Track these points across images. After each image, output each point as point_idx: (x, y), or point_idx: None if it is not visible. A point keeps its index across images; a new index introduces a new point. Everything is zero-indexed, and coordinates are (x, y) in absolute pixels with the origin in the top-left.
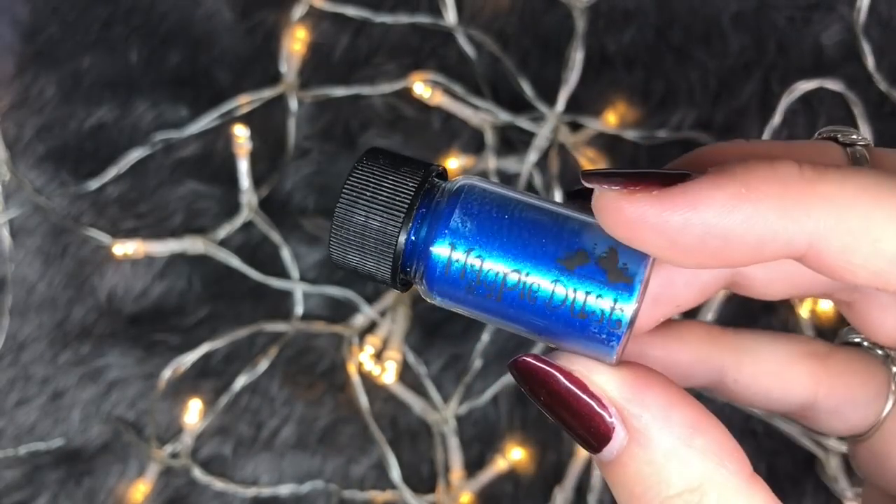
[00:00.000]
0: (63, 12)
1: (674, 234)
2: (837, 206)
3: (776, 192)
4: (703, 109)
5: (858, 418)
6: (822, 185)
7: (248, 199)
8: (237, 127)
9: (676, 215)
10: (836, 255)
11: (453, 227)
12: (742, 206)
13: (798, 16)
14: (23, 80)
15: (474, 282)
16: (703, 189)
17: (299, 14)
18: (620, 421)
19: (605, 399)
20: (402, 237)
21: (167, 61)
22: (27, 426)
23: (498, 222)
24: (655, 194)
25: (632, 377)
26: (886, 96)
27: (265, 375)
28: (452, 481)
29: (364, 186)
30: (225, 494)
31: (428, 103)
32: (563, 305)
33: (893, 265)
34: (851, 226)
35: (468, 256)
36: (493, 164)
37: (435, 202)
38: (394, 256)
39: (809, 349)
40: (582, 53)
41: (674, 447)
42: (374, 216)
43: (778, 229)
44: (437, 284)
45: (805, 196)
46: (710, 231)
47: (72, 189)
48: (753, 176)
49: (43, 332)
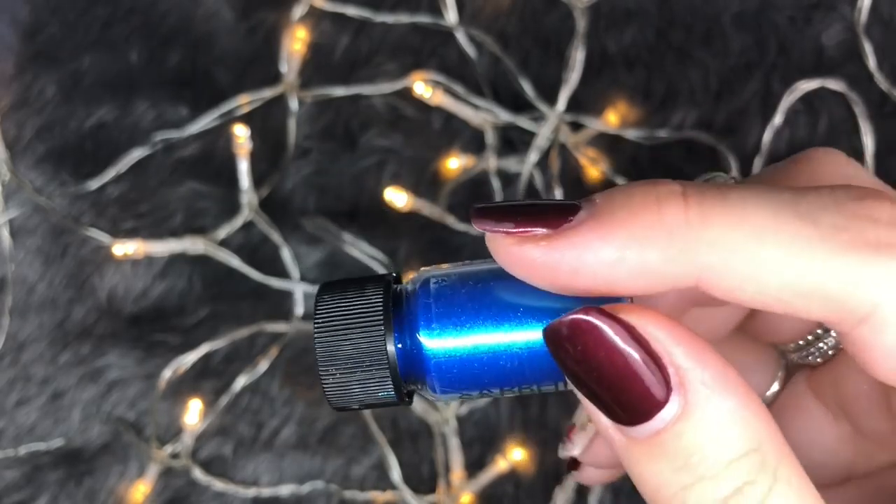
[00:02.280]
0: (63, 12)
1: (565, 278)
2: (724, 251)
3: (664, 240)
4: (705, 109)
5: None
6: (708, 229)
7: (249, 199)
8: (237, 127)
9: (564, 263)
10: (725, 293)
11: (431, 317)
12: (628, 254)
13: (799, 16)
14: (23, 80)
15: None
16: (589, 236)
17: (299, 14)
18: (678, 385)
19: (666, 358)
20: (390, 347)
21: (167, 61)
22: (27, 426)
23: (471, 301)
24: (542, 243)
25: (690, 336)
26: (887, 96)
27: (265, 376)
28: (453, 482)
29: (332, 320)
30: (225, 495)
31: (428, 103)
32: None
33: (778, 301)
34: (738, 269)
35: (455, 342)
36: (494, 164)
37: (405, 304)
38: (389, 370)
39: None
40: (583, 53)
41: (736, 408)
42: (355, 342)
43: (664, 273)
44: (437, 377)
45: (690, 242)
46: (597, 280)
47: (72, 189)
48: (639, 225)
49: (43, 333)
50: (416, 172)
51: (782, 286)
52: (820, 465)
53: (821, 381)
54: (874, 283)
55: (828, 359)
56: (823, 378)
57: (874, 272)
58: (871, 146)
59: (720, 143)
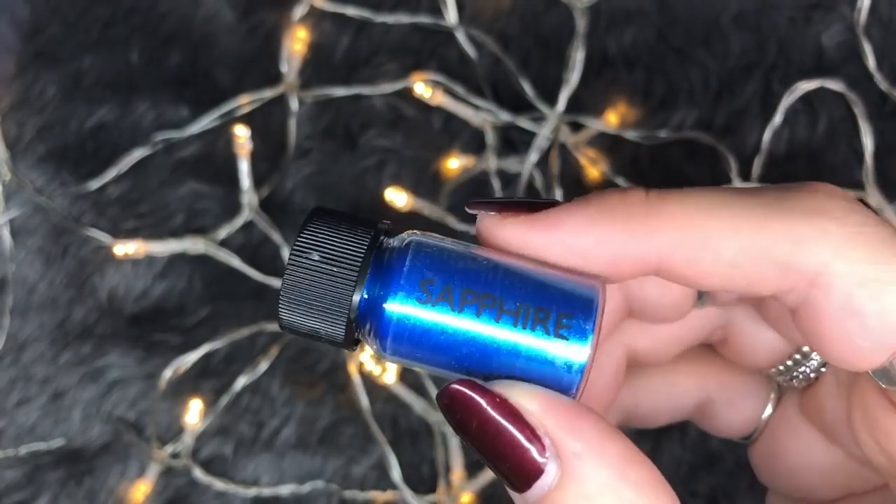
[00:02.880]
0: (63, 12)
1: (540, 251)
2: (678, 224)
3: (623, 217)
4: (704, 109)
5: (749, 410)
6: (664, 207)
7: (249, 199)
8: (238, 127)
9: (539, 236)
10: (685, 266)
11: (407, 280)
12: (594, 229)
13: (799, 16)
14: (23, 80)
15: (427, 335)
16: (562, 214)
17: (300, 14)
18: (554, 455)
19: (539, 429)
20: (356, 296)
21: (168, 61)
22: (28, 426)
23: (448, 274)
24: (523, 219)
25: (566, 408)
26: (887, 96)
27: (266, 375)
28: (453, 481)
29: (314, 247)
30: (225, 494)
31: (429, 103)
32: (519, 351)
33: (734, 268)
34: (692, 240)
35: (421, 310)
36: (494, 164)
37: (386, 259)
38: (347, 317)
39: (692, 353)
40: (583, 53)
41: (609, 480)
42: (326, 277)
43: (627, 247)
44: (391, 340)
45: (649, 218)
46: (569, 250)
47: (72, 189)
48: (606, 203)
49: (43, 332)
50: (417, 173)
51: (735, 253)
52: (815, 485)
53: (809, 406)
54: (818, 241)
55: (811, 382)
56: (810, 404)
57: (817, 231)
58: (871, 146)
59: (720, 144)
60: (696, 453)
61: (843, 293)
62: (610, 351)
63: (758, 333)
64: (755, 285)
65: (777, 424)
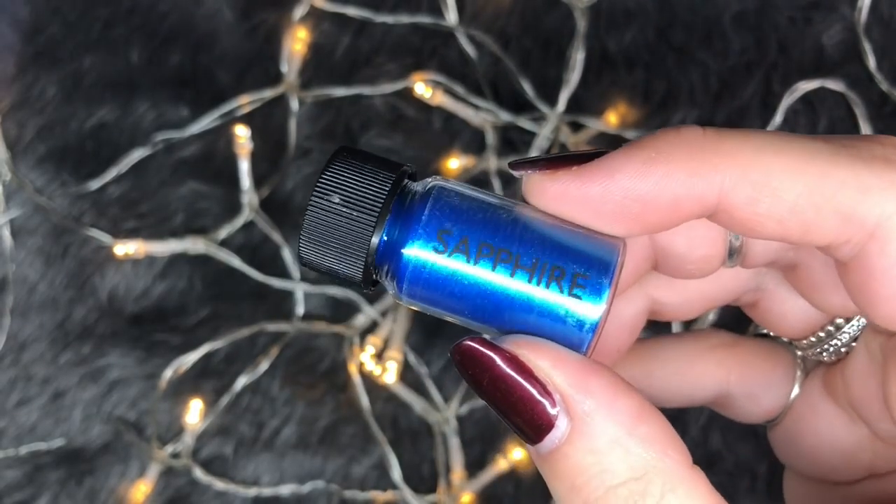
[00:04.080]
0: (64, 12)
1: (596, 203)
2: (739, 162)
3: (683, 154)
4: (705, 109)
5: (771, 401)
6: (724, 144)
7: (249, 199)
8: (238, 127)
9: (595, 186)
10: (743, 207)
11: (425, 228)
12: (654, 169)
13: (799, 16)
14: (24, 80)
15: (444, 282)
16: (617, 160)
17: (300, 14)
18: (564, 409)
19: (549, 385)
20: (374, 238)
21: (168, 61)
22: (28, 426)
23: (470, 222)
24: (575, 170)
25: (577, 364)
26: (888, 96)
27: (266, 375)
28: (453, 481)
29: (336, 187)
30: (226, 494)
31: (429, 103)
32: (535, 303)
33: (793, 213)
34: (754, 178)
35: (439, 256)
36: (495, 164)
37: (407, 203)
38: (366, 257)
39: (716, 341)
40: (583, 53)
41: (618, 435)
42: (347, 218)
43: (688, 186)
44: (407, 284)
45: (709, 155)
46: (628, 196)
47: (73, 189)
48: (662, 142)
49: (44, 333)
50: (417, 173)
51: (798, 195)
52: (838, 465)
53: (835, 384)
54: (885, 192)
55: (840, 357)
56: (836, 381)
57: (883, 182)
58: None
59: None
60: (696, 453)
61: None
62: (632, 298)
63: (790, 300)
64: (812, 233)
65: (800, 405)
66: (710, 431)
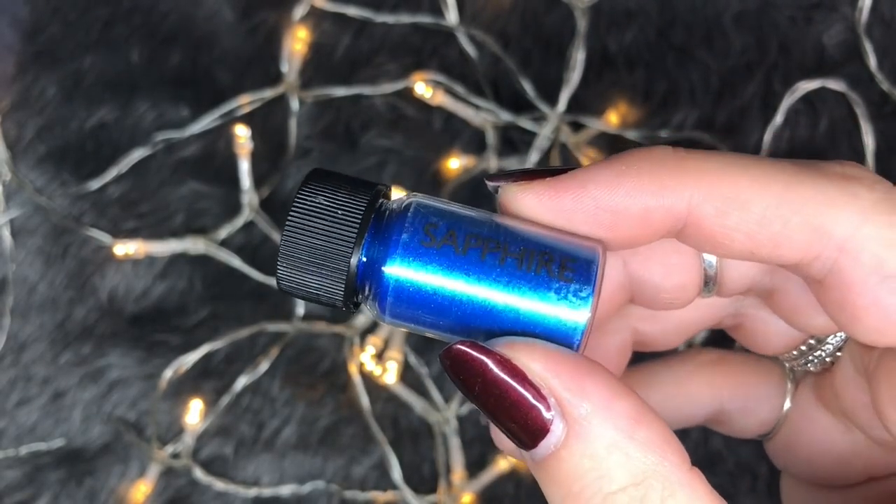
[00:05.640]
0: (64, 12)
1: (569, 213)
2: (707, 176)
3: (654, 168)
4: (705, 109)
5: (765, 413)
6: (692, 160)
7: (250, 199)
8: (238, 127)
9: (568, 196)
10: (712, 220)
11: (404, 245)
12: (624, 181)
13: (800, 15)
14: (23, 80)
15: (426, 298)
16: (589, 172)
17: (300, 14)
18: (560, 413)
19: (544, 389)
20: (353, 259)
21: (168, 61)
22: (28, 426)
23: (455, 216)
24: (549, 181)
25: (572, 366)
26: (888, 96)
27: (266, 376)
28: (454, 482)
29: (313, 210)
30: (226, 495)
31: (429, 103)
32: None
33: (761, 226)
34: (722, 192)
35: (418, 273)
36: (495, 164)
37: (385, 221)
38: (347, 278)
39: (704, 359)
40: (583, 53)
41: (616, 439)
42: (324, 240)
43: (658, 198)
44: (390, 302)
45: (678, 170)
46: (599, 206)
47: (73, 189)
48: (633, 157)
49: (44, 333)
50: (417, 172)
51: (765, 208)
52: (835, 471)
53: (825, 393)
54: (848, 204)
55: (826, 366)
56: (827, 390)
57: (847, 195)
58: (872, 146)
59: (721, 144)
60: (696, 453)
61: (874, 256)
62: (614, 330)
63: (771, 321)
64: (781, 247)
65: (793, 414)
66: (711, 432)
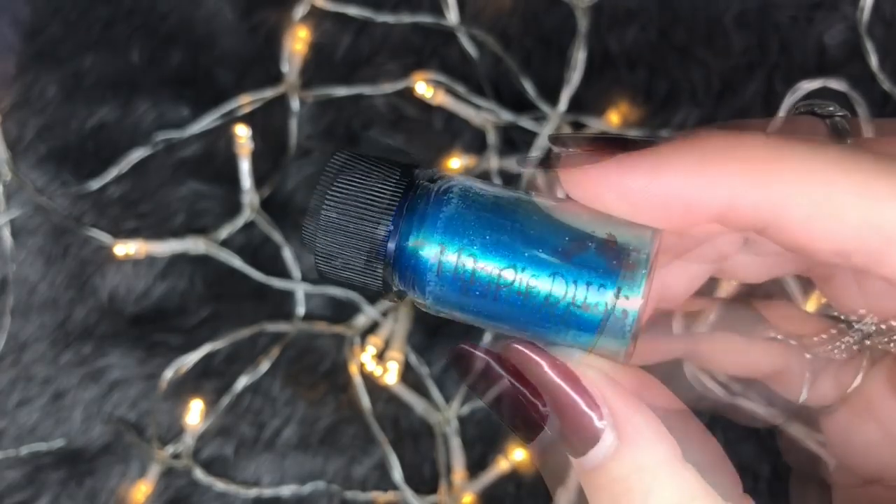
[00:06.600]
0: (64, 12)
1: (635, 198)
2: (801, 176)
3: (741, 160)
4: (706, 109)
5: (832, 383)
6: (787, 155)
7: (250, 199)
8: (239, 127)
9: (638, 180)
10: (799, 225)
11: (442, 228)
12: (706, 171)
13: (801, 15)
14: (24, 79)
15: (468, 283)
16: (666, 155)
17: (301, 14)
18: (612, 423)
19: (598, 397)
20: (391, 244)
21: (169, 61)
22: (28, 426)
23: (487, 219)
24: (619, 158)
25: (630, 377)
26: (890, 95)
27: (267, 376)
28: (455, 482)
29: (348, 195)
30: (226, 495)
31: (430, 103)
32: (563, 299)
33: (856, 238)
34: (814, 196)
35: (459, 257)
36: (496, 164)
37: (421, 204)
38: (383, 266)
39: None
40: (584, 53)
41: (668, 458)
42: (360, 226)
43: (742, 195)
44: (430, 289)
45: (770, 164)
46: (672, 195)
47: (73, 189)
48: (720, 143)
49: (44, 333)
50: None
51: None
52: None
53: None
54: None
55: (853, 355)
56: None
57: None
58: None
59: None
60: None
61: None
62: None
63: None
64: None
65: (861, 396)
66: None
